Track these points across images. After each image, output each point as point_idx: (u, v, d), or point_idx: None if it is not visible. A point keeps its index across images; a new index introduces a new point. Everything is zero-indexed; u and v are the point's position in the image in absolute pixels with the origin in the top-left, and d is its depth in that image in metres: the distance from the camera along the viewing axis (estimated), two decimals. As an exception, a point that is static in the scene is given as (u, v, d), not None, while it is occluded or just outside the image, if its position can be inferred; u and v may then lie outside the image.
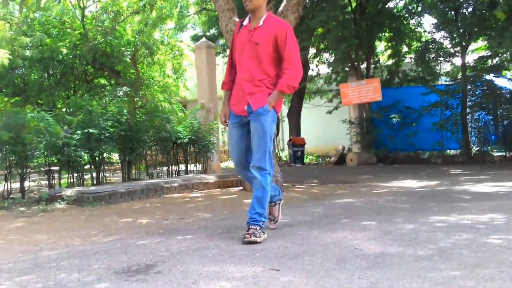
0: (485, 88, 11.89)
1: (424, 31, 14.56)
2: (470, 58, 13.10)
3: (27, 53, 13.29)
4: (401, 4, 14.50)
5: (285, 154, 16.38)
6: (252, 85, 3.45)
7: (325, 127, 16.28)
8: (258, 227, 3.30)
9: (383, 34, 14.49)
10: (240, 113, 3.53)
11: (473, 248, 2.84)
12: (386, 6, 13.71)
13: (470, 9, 12.07)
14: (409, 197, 5.59)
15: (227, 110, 3.67)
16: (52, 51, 13.60)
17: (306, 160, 14.78)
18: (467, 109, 12.16)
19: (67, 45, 14.05)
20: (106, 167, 7.91)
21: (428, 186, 6.83)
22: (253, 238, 3.20)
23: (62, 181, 7.48)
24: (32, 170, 7.36)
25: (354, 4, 13.41)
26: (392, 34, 14.05)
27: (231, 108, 3.63)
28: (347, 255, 2.77)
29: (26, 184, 7.08)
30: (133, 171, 8.05)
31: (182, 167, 8.69)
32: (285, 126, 17.07)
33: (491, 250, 2.79)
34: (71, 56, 13.96)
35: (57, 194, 6.16)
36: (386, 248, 2.93)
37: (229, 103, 3.66)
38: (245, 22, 3.57)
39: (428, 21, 24.50)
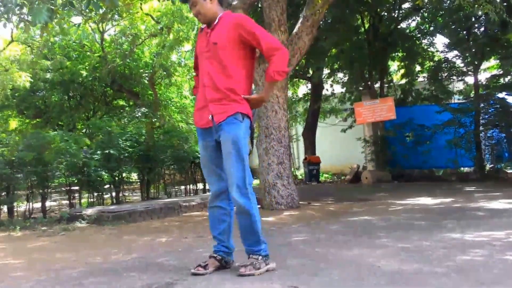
0: (497, 106, 11.85)
1: (437, 50, 14.60)
2: (483, 77, 13.09)
3: (48, 76, 13.62)
4: (413, 24, 14.60)
5: (300, 173, 16.39)
6: (215, 91, 2.99)
7: (340, 146, 16.28)
8: (260, 257, 2.95)
9: (396, 53, 14.56)
10: (205, 125, 3.06)
11: (490, 265, 2.86)
12: (399, 26, 13.80)
13: (482, 29, 12.11)
14: (424, 214, 5.58)
15: None
16: (72, 73, 13.92)
17: (322, 178, 14.78)
18: (480, 127, 12.11)
19: (87, 67, 14.38)
20: (125, 187, 8.05)
21: (443, 203, 6.81)
22: (249, 272, 2.85)
23: (82, 201, 7.62)
24: (53, 190, 7.52)
25: (367, 25, 13.54)
26: (405, 54, 14.11)
27: (195, 124, 3.17)
28: (364, 272, 2.80)
29: (48, 204, 7.22)
30: (152, 190, 8.18)
31: (200, 185, 8.78)
32: (301, 144, 17.12)
33: (507, 267, 2.81)
34: (90, 79, 14.27)
35: (78, 213, 6.28)
36: (403, 265, 2.96)
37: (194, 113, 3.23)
38: (203, 25, 3.19)
39: (441, 40, 24.51)
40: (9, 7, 5.45)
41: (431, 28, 13.80)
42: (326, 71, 14.91)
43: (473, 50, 11.83)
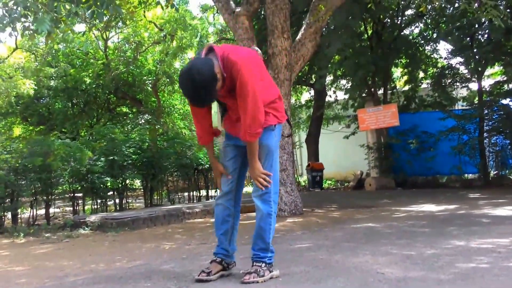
0: (501, 112, 11.84)
1: (440, 57, 14.63)
2: (486, 83, 13.08)
3: (52, 83, 13.70)
4: (416, 31, 14.64)
5: (304, 179, 16.38)
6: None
7: (343, 152, 16.28)
8: (263, 264, 2.93)
9: (399, 60, 14.58)
10: (235, 134, 3.06)
11: (495, 272, 2.85)
12: (402, 33, 13.82)
13: (485, 36, 12.12)
14: (429, 221, 5.57)
15: (220, 166, 3.14)
16: (75, 81, 14.01)
17: (325, 185, 14.75)
18: (484, 133, 12.10)
19: (91, 75, 14.47)
20: (128, 193, 8.06)
21: (448, 210, 6.79)
22: (253, 279, 2.84)
23: (86, 207, 7.63)
24: (56, 197, 7.54)
25: (370, 32, 13.57)
26: (408, 60, 14.12)
27: (226, 130, 3.17)
28: (369, 280, 2.79)
29: (51, 210, 7.24)
30: (155, 197, 8.18)
31: (203, 192, 8.79)
32: (304, 151, 17.12)
33: (512, 274, 2.80)
34: (94, 86, 14.35)
35: (82, 220, 6.29)
36: (408, 272, 2.95)
37: (225, 127, 3.18)
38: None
39: (444, 47, 24.54)
40: (14, 17, 5.49)
41: (435, 35, 13.82)
42: (329, 77, 14.93)
43: (477, 56, 11.84)
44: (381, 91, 13.65)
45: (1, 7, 5.59)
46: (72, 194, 7.39)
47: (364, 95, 13.64)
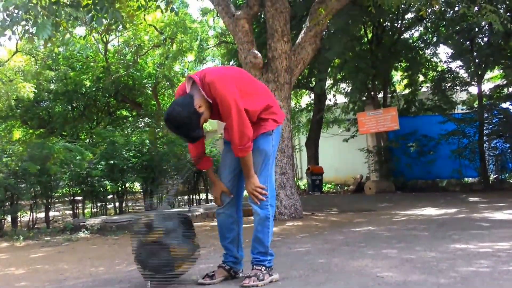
0: (501, 116, 11.85)
1: (440, 61, 14.62)
2: (486, 87, 13.10)
3: (52, 86, 13.70)
4: (416, 34, 14.63)
5: (303, 183, 16.37)
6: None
7: (343, 156, 16.28)
8: (263, 268, 2.94)
9: (399, 64, 14.58)
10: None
11: (495, 276, 2.85)
12: (402, 36, 13.84)
13: (485, 40, 12.13)
14: (428, 225, 5.57)
15: (222, 185, 3.10)
16: (75, 84, 14.01)
17: (325, 189, 14.75)
18: (484, 137, 12.10)
19: (90, 78, 14.48)
20: (128, 197, 8.05)
21: (447, 214, 6.79)
22: (252, 283, 2.84)
23: (85, 211, 7.63)
24: (56, 200, 7.54)
25: (370, 35, 13.59)
26: (408, 64, 14.12)
27: (226, 138, 3.15)
28: (369, 283, 2.79)
29: (51, 214, 7.24)
30: (155, 200, 8.18)
31: (203, 196, 8.78)
32: (303, 155, 17.11)
33: (512, 278, 2.79)
34: (94, 89, 14.36)
35: (81, 223, 6.30)
36: (408, 276, 2.95)
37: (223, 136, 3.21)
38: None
39: (444, 51, 24.56)
40: (15, 21, 5.50)
41: (434, 39, 13.82)
42: (329, 81, 14.95)
43: (477, 60, 11.85)
44: (381, 95, 13.66)
45: (2, 11, 5.60)
46: (72, 198, 7.39)
47: (364, 98, 13.65)
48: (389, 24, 13.48)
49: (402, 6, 11.21)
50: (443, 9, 10.93)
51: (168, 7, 7.03)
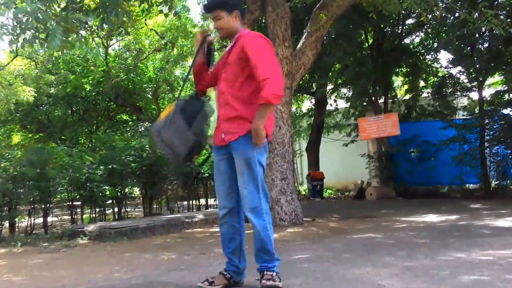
0: (502, 122, 11.82)
1: (441, 66, 14.62)
2: (487, 93, 13.07)
3: (52, 90, 13.68)
4: (417, 40, 14.64)
5: (304, 188, 16.34)
6: (227, 111, 3.03)
7: (344, 162, 16.23)
8: (274, 273, 2.91)
9: (400, 69, 14.60)
10: (218, 143, 3.09)
11: (496, 284, 2.82)
12: (403, 42, 13.86)
13: (485, 45, 12.13)
14: (430, 232, 5.53)
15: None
16: (75, 88, 14.00)
17: (325, 194, 14.71)
18: (485, 143, 12.07)
19: (91, 82, 14.47)
20: (127, 202, 8.01)
21: (449, 220, 6.75)
22: (271, 283, 2.83)
23: (84, 216, 7.58)
24: (55, 205, 7.49)
25: (370, 41, 13.60)
26: (408, 69, 14.14)
27: (215, 144, 3.15)
28: (370, 292, 2.77)
29: (49, 219, 7.19)
30: (154, 206, 8.14)
31: (203, 201, 8.75)
32: (304, 160, 17.09)
33: (515, 287, 2.76)
34: (94, 93, 14.35)
35: (80, 229, 6.25)
36: (409, 284, 2.92)
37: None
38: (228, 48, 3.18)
39: (445, 56, 24.59)
40: (26, 28, 5.48)
41: (435, 44, 13.83)
42: (330, 86, 14.94)
43: (477, 66, 11.84)
44: (381, 100, 13.66)
45: (12, 18, 5.59)
46: (71, 203, 7.35)
47: (364, 103, 13.64)
48: (390, 29, 13.50)
49: (403, 11, 11.21)
50: (443, 14, 10.92)
51: (170, 11, 7.02)
